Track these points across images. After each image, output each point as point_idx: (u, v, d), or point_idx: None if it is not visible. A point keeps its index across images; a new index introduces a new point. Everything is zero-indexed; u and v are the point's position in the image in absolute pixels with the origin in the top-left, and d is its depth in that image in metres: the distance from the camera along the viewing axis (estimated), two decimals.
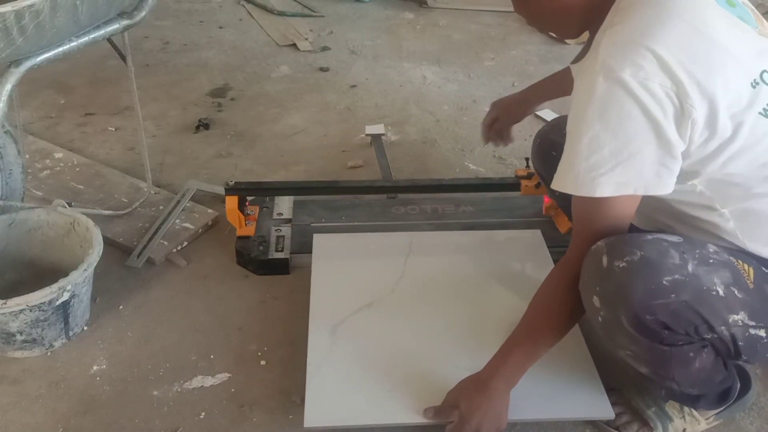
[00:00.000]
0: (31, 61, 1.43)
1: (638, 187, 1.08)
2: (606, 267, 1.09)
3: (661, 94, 1.02)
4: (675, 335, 1.08)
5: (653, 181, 1.08)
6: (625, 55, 1.03)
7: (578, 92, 1.10)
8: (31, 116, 2.41)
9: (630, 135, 1.04)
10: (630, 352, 1.15)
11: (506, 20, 3.36)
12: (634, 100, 1.02)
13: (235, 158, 2.22)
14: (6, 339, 1.43)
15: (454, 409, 1.26)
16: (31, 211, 1.60)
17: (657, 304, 1.05)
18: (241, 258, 1.75)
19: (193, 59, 2.92)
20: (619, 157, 1.05)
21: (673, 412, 1.30)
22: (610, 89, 1.03)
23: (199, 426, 1.34)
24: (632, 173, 1.06)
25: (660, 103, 1.02)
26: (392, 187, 1.93)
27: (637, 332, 1.08)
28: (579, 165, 1.09)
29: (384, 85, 2.73)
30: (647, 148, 1.05)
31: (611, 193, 1.08)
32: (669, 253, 1.07)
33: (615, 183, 1.07)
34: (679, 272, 1.05)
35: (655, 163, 1.06)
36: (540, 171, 1.64)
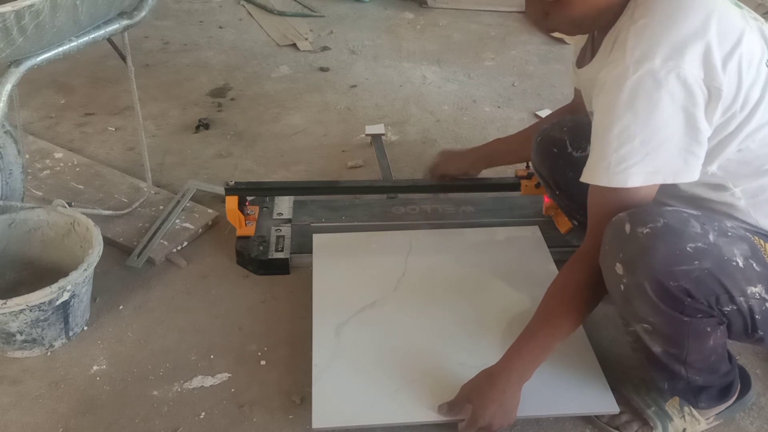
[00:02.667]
0: (31, 61, 1.43)
1: (667, 175, 1.10)
2: (629, 233, 1.09)
3: (690, 81, 1.05)
4: (696, 304, 1.08)
5: (682, 169, 1.10)
6: (652, 46, 1.06)
7: (606, 86, 1.11)
8: (31, 116, 2.41)
9: (659, 124, 1.07)
10: (648, 324, 1.14)
11: (506, 20, 3.36)
12: (663, 89, 1.05)
13: (235, 158, 2.23)
14: (6, 339, 1.43)
15: (467, 404, 1.26)
16: (31, 211, 1.60)
17: (680, 270, 1.06)
18: (241, 258, 1.75)
19: (193, 59, 2.92)
20: (649, 147, 1.08)
21: (673, 411, 1.30)
22: (640, 80, 1.06)
23: (199, 426, 1.34)
24: (661, 162, 1.09)
25: (689, 91, 1.05)
26: (392, 187, 1.93)
27: (660, 299, 1.08)
28: (610, 157, 1.10)
29: (384, 85, 2.73)
30: (676, 136, 1.07)
31: (642, 183, 1.10)
32: (690, 222, 1.08)
33: (645, 173, 1.10)
34: (702, 240, 1.06)
35: (683, 150, 1.08)
36: (540, 170, 1.65)
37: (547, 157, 1.58)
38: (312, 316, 1.50)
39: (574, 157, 1.53)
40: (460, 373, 1.33)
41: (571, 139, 1.53)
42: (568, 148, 1.54)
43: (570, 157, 1.53)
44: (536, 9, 1.20)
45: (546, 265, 1.66)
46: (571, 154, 1.53)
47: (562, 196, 1.62)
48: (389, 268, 1.64)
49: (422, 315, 1.51)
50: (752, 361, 1.49)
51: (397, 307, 1.53)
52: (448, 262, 1.67)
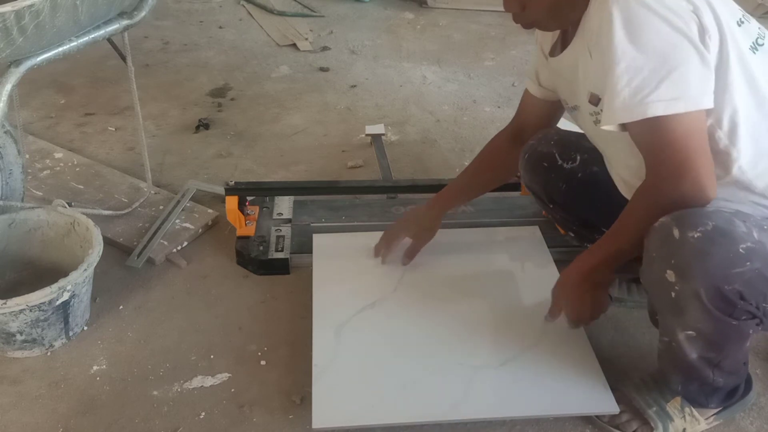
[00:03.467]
0: (31, 61, 1.43)
1: (688, 101, 1.07)
2: (679, 239, 1.07)
3: (681, 8, 1.06)
4: (746, 306, 1.08)
5: (700, 94, 1.08)
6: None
7: (601, 30, 1.10)
8: (31, 116, 2.41)
9: (666, 51, 1.06)
10: (693, 331, 1.14)
11: (506, 20, 3.36)
12: (658, 16, 1.05)
13: (235, 158, 2.23)
14: (6, 339, 1.43)
15: (564, 301, 1.31)
16: (31, 211, 1.60)
17: (735, 272, 1.05)
18: (241, 258, 1.75)
19: (193, 59, 2.92)
20: (661, 73, 1.06)
21: (673, 411, 1.30)
22: (632, 11, 1.06)
23: (199, 426, 1.34)
24: (679, 87, 1.07)
25: (682, 17, 1.06)
26: (392, 187, 1.93)
27: (713, 305, 1.08)
28: (623, 92, 1.09)
29: (384, 85, 2.73)
30: (687, 60, 1.06)
31: (663, 111, 1.07)
32: (734, 221, 1.07)
33: (665, 100, 1.07)
34: (750, 240, 1.05)
35: (697, 74, 1.07)
36: (531, 186, 1.62)
37: (538, 173, 1.57)
38: (312, 316, 1.50)
39: (565, 169, 1.53)
40: (460, 372, 1.33)
41: (560, 152, 1.54)
42: (558, 160, 1.54)
43: (561, 170, 1.54)
44: (513, 2, 1.21)
45: (546, 266, 1.66)
46: (562, 167, 1.54)
47: (557, 209, 1.61)
48: (389, 268, 1.64)
49: (422, 315, 1.51)
50: (752, 361, 1.48)
51: (397, 308, 1.53)
52: (447, 261, 1.67)
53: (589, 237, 1.56)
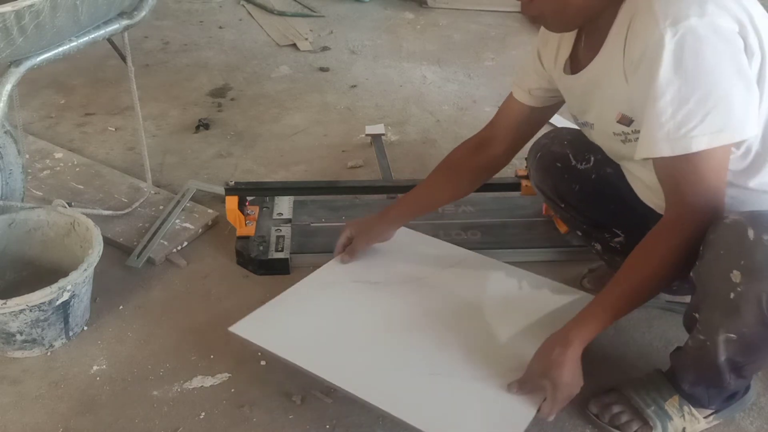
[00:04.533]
0: (31, 61, 1.43)
1: (734, 132, 1.06)
2: (753, 240, 1.05)
3: (729, 32, 1.04)
4: None
5: (744, 122, 1.06)
6: (683, 6, 1.04)
7: (645, 56, 1.07)
8: (31, 116, 2.41)
9: (713, 80, 1.04)
10: (736, 334, 1.12)
11: (506, 20, 3.37)
12: (706, 44, 1.03)
13: (235, 158, 2.23)
14: (6, 339, 1.43)
15: (543, 380, 1.19)
16: (31, 211, 1.60)
17: None
18: (241, 258, 1.75)
19: (193, 59, 2.92)
20: (708, 105, 1.04)
21: (672, 411, 1.30)
22: (682, 40, 1.03)
23: (199, 426, 1.34)
24: (723, 118, 1.05)
25: (729, 41, 1.04)
26: (392, 187, 1.93)
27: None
28: (667, 124, 1.07)
29: (384, 85, 2.73)
30: (733, 89, 1.05)
31: (707, 144, 1.06)
32: None
33: (709, 133, 1.05)
34: None
35: (742, 101, 1.06)
36: (541, 186, 1.59)
37: (551, 173, 1.55)
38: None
39: (578, 169, 1.51)
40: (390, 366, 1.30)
41: (574, 152, 1.51)
42: (571, 161, 1.52)
43: (575, 171, 1.51)
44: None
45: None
46: (576, 167, 1.51)
47: (568, 208, 1.58)
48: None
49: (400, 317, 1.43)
50: None
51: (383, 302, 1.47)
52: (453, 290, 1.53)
53: (598, 236, 1.55)
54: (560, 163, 1.52)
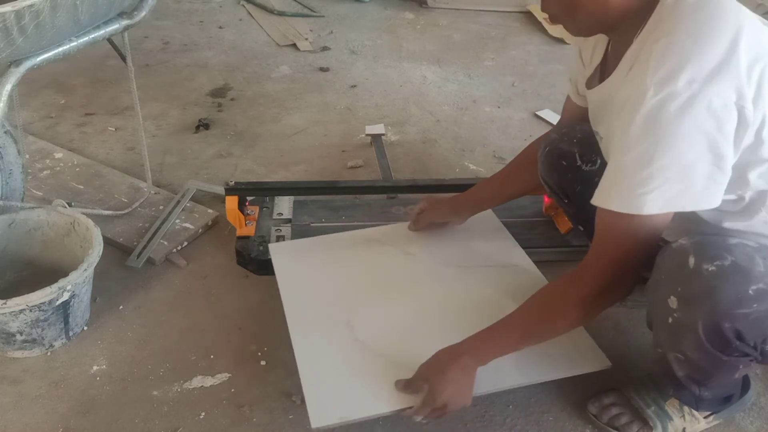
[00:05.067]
0: (31, 61, 1.43)
1: (687, 203, 1.04)
2: (692, 269, 1.05)
3: (716, 105, 0.98)
4: (742, 346, 1.07)
5: (703, 196, 1.04)
6: (676, 67, 0.99)
7: (624, 106, 1.05)
8: (31, 116, 2.41)
9: (680, 150, 1.00)
10: (683, 356, 1.13)
11: (506, 20, 3.36)
12: (686, 114, 0.98)
13: (235, 158, 2.23)
14: (6, 339, 1.43)
15: (424, 383, 1.23)
16: (31, 211, 1.60)
17: (740, 313, 1.03)
18: (241, 258, 1.75)
19: (193, 59, 2.92)
20: (668, 174, 1.02)
21: (672, 411, 1.30)
22: (661, 103, 0.99)
23: (199, 426, 1.34)
24: (681, 188, 1.03)
25: (715, 116, 0.99)
26: (392, 187, 1.93)
27: (708, 340, 1.07)
28: (626, 181, 1.05)
29: (384, 85, 2.73)
30: (698, 163, 1.01)
31: (659, 210, 1.04)
32: (755, 259, 1.04)
33: (663, 200, 1.03)
34: (764, 281, 1.03)
35: (705, 177, 1.02)
36: (547, 179, 1.59)
37: (555, 170, 1.54)
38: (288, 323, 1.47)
39: (583, 171, 1.47)
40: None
41: (581, 152, 1.47)
42: (577, 161, 1.48)
43: (579, 171, 1.48)
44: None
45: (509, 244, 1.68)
46: (581, 168, 1.48)
47: (571, 204, 1.57)
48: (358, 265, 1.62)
49: (403, 306, 1.49)
50: None
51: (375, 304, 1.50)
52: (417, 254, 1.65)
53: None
54: (565, 161, 1.50)
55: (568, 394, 1.40)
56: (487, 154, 2.26)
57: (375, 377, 1.31)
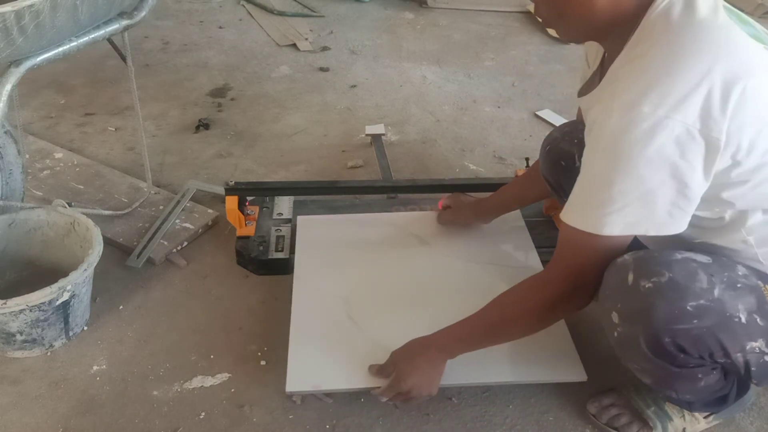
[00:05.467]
0: (31, 61, 1.43)
1: (649, 227, 1.04)
2: (630, 285, 1.06)
3: (680, 132, 0.96)
4: (689, 359, 1.08)
5: (666, 222, 1.03)
6: (644, 91, 0.97)
7: (592, 125, 1.05)
8: (31, 116, 2.41)
9: (642, 176, 0.99)
10: (639, 367, 1.15)
11: (506, 20, 3.36)
12: (650, 139, 0.97)
13: (235, 158, 2.23)
14: (6, 339, 1.43)
15: (393, 368, 1.31)
16: (31, 211, 1.60)
17: (678, 329, 1.04)
18: (241, 258, 1.75)
19: (193, 59, 2.92)
20: (629, 198, 1.01)
21: (672, 411, 1.30)
22: (626, 125, 0.97)
23: (199, 426, 1.34)
24: (643, 213, 1.02)
25: (679, 143, 0.97)
26: (392, 187, 1.93)
27: (653, 353, 1.08)
28: (587, 200, 1.06)
29: (384, 85, 2.73)
30: (661, 189, 1.00)
31: (619, 232, 1.04)
32: (697, 275, 1.04)
33: (624, 223, 1.03)
34: (705, 297, 1.03)
35: (668, 204, 1.02)
36: (548, 177, 1.60)
37: (555, 169, 1.55)
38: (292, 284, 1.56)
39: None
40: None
41: (581, 153, 1.45)
42: (576, 162, 1.48)
43: (577, 172, 1.48)
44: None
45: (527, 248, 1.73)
46: (579, 169, 1.48)
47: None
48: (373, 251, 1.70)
49: (403, 290, 1.56)
50: None
51: (377, 284, 1.58)
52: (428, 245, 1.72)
53: None
54: (564, 161, 1.51)
55: (568, 394, 1.40)
56: (487, 154, 2.26)
57: (355, 354, 1.39)
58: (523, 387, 1.41)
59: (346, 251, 1.69)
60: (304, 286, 1.58)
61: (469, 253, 1.69)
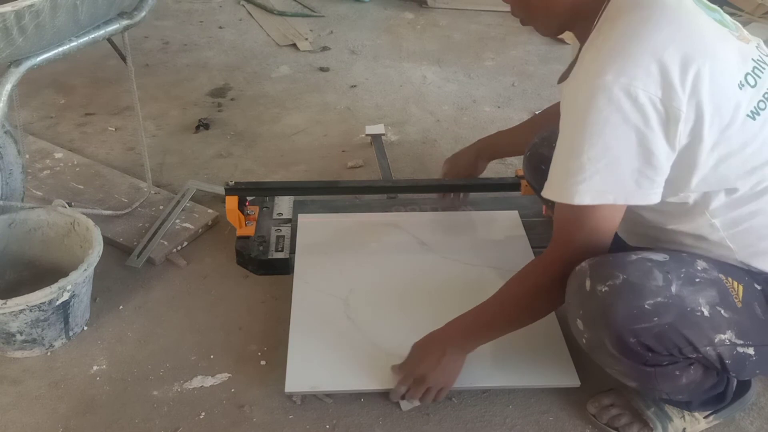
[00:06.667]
0: (31, 61, 1.43)
1: (618, 196, 1.07)
2: (589, 291, 1.08)
3: (643, 100, 1.00)
4: (659, 357, 1.09)
5: (633, 191, 1.06)
6: (607, 61, 1.02)
7: (563, 100, 1.10)
8: (31, 116, 2.41)
9: (609, 143, 1.03)
10: (616, 370, 1.17)
11: (506, 20, 3.36)
12: (614, 106, 1.01)
13: (235, 158, 2.23)
14: (6, 339, 1.43)
15: (411, 358, 1.34)
16: (31, 211, 1.60)
17: (639, 328, 1.05)
18: (241, 258, 1.75)
19: (193, 59, 2.92)
20: (597, 165, 1.04)
21: (672, 411, 1.30)
22: (591, 95, 1.02)
23: (199, 426, 1.34)
24: (611, 182, 1.05)
25: (641, 111, 1.01)
26: (392, 187, 1.93)
27: (621, 354, 1.09)
28: (559, 170, 1.09)
29: (384, 85, 2.73)
30: (626, 157, 1.03)
31: (590, 201, 1.07)
32: (652, 274, 1.06)
33: (594, 191, 1.06)
34: (662, 294, 1.04)
35: (635, 172, 1.04)
36: (531, 182, 1.65)
37: (537, 173, 1.58)
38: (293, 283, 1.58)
39: None
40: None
41: None
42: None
43: None
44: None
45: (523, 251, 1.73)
46: None
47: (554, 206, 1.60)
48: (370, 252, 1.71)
49: (401, 292, 1.57)
50: None
51: (375, 286, 1.59)
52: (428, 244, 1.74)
53: None
54: (544, 165, 1.51)
55: (568, 394, 1.40)
56: None
57: (354, 356, 1.41)
58: (523, 387, 1.41)
59: (347, 252, 1.70)
60: (303, 286, 1.58)
61: (468, 255, 1.69)
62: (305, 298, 1.55)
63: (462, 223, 1.83)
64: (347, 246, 1.73)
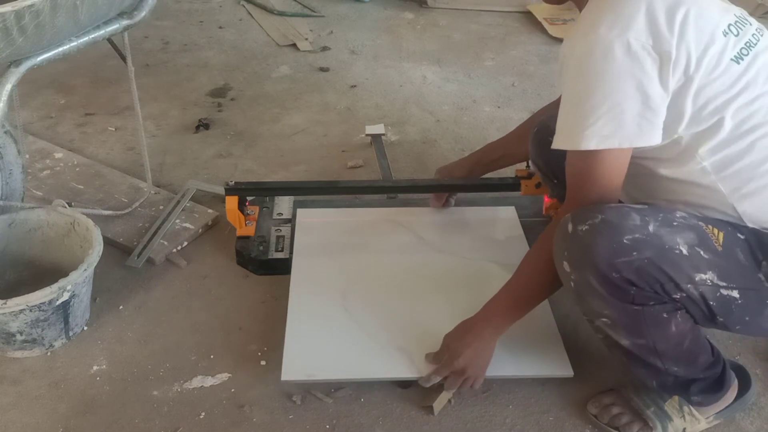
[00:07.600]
0: (31, 61, 1.43)
1: (622, 139, 1.13)
2: (571, 232, 1.14)
3: (636, 47, 1.09)
4: (643, 293, 1.11)
5: (636, 133, 1.13)
6: (600, 16, 1.12)
7: (563, 60, 1.18)
8: (31, 116, 2.41)
9: (608, 90, 1.11)
10: (606, 318, 1.18)
11: (506, 20, 3.36)
12: (610, 55, 1.09)
13: (235, 158, 2.23)
14: (6, 339, 1.44)
15: (446, 349, 1.36)
16: (31, 211, 1.60)
17: (620, 261, 1.09)
18: (241, 258, 1.75)
19: (193, 59, 2.92)
20: (599, 111, 1.11)
21: (672, 411, 1.30)
22: (588, 49, 1.11)
23: (199, 426, 1.34)
24: (614, 126, 1.12)
25: (635, 58, 1.09)
26: (392, 187, 1.93)
27: (607, 292, 1.13)
28: (566, 121, 1.17)
29: (384, 85, 2.73)
30: (626, 101, 1.11)
31: (596, 146, 1.13)
32: (630, 216, 1.12)
33: (599, 136, 1.12)
34: (640, 232, 1.10)
35: (636, 115, 1.12)
36: (537, 161, 1.67)
37: (544, 149, 1.56)
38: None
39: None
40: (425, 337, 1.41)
41: None
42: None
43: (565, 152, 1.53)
44: None
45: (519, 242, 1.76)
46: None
47: (560, 185, 1.60)
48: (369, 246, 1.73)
49: (398, 284, 1.59)
50: (752, 361, 1.49)
51: (373, 278, 1.60)
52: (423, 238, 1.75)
53: None
54: (551, 137, 1.53)
55: (568, 394, 1.40)
56: None
57: (351, 346, 1.42)
58: (524, 387, 1.41)
59: (345, 244, 1.72)
60: (301, 277, 1.60)
61: (466, 249, 1.71)
62: (303, 288, 1.57)
63: (459, 218, 1.84)
64: (345, 238, 1.74)
